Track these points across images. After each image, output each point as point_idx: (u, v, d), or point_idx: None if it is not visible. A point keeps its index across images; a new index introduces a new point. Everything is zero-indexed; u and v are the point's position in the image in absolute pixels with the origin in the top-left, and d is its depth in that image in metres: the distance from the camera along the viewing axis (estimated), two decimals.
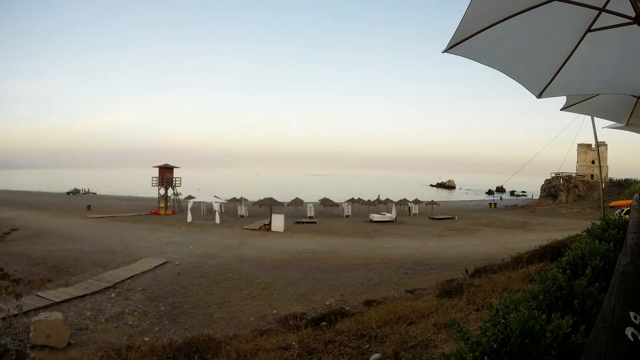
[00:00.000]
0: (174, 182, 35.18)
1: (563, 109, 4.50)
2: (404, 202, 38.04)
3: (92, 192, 59.68)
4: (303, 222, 29.21)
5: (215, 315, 9.42)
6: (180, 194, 36.25)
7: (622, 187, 39.57)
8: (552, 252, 7.86)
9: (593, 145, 41.67)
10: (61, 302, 9.83)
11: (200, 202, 32.32)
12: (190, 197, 33.49)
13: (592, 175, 50.34)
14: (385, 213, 32.66)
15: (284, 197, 39.03)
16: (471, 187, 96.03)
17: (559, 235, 11.71)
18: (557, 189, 48.84)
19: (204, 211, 32.71)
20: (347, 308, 8.75)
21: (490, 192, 74.19)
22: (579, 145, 52.10)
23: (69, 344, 7.51)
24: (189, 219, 27.92)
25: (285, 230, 24.47)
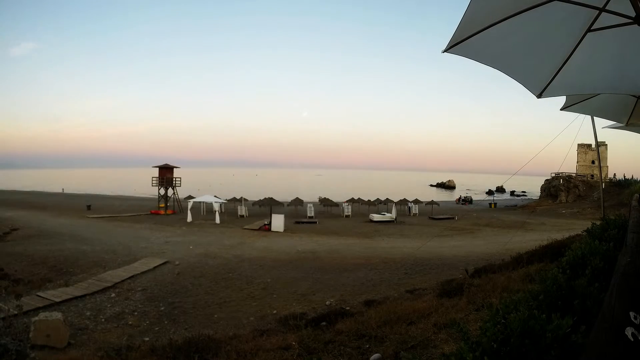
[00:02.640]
0: (174, 182, 35.17)
1: (563, 109, 4.49)
2: (404, 202, 38.03)
3: None
4: (303, 222, 29.20)
5: (215, 315, 9.41)
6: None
7: (622, 187, 39.51)
8: (552, 252, 7.86)
9: (593, 145, 41.64)
10: (61, 302, 9.81)
11: (200, 202, 32.31)
12: (190, 197, 33.48)
13: (592, 175, 50.33)
14: (385, 213, 32.64)
15: (284, 197, 39.04)
16: (471, 187, 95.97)
17: (559, 235, 11.71)
18: (557, 189, 48.81)
19: (204, 211, 32.69)
20: (347, 308, 8.74)
21: (490, 192, 74.18)
22: (579, 145, 52.06)
23: (69, 344, 7.50)
24: (189, 219, 27.91)
25: (285, 230, 24.45)
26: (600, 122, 8.53)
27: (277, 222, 24.80)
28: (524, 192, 74.66)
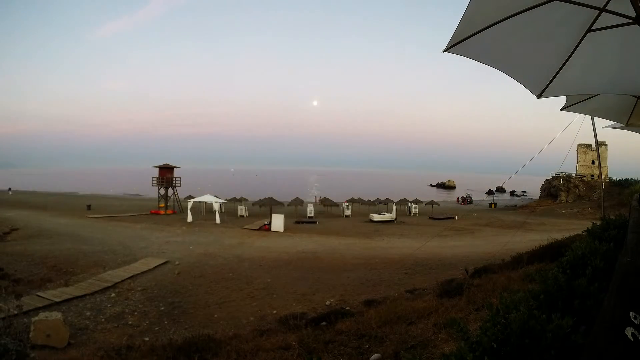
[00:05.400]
0: (174, 182, 35.16)
1: (563, 109, 4.49)
2: (404, 202, 38.04)
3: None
4: (303, 222, 29.21)
5: (215, 315, 9.41)
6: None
7: (622, 187, 39.49)
8: (552, 252, 7.85)
9: (593, 145, 41.63)
10: (61, 302, 9.82)
11: (200, 202, 32.31)
12: (190, 197, 33.47)
13: (592, 175, 50.33)
14: (385, 213, 32.64)
15: (284, 197, 39.02)
16: (471, 187, 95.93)
17: (559, 235, 11.69)
18: (557, 189, 48.82)
19: (204, 211, 32.69)
20: (347, 308, 8.74)
21: (490, 192, 74.15)
22: (579, 145, 52.07)
23: (69, 344, 7.51)
24: (189, 219, 27.91)
25: (285, 230, 24.46)
26: (600, 122, 8.52)
27: (277, 222, 24.81)
28: (524, 192, 74.62)
